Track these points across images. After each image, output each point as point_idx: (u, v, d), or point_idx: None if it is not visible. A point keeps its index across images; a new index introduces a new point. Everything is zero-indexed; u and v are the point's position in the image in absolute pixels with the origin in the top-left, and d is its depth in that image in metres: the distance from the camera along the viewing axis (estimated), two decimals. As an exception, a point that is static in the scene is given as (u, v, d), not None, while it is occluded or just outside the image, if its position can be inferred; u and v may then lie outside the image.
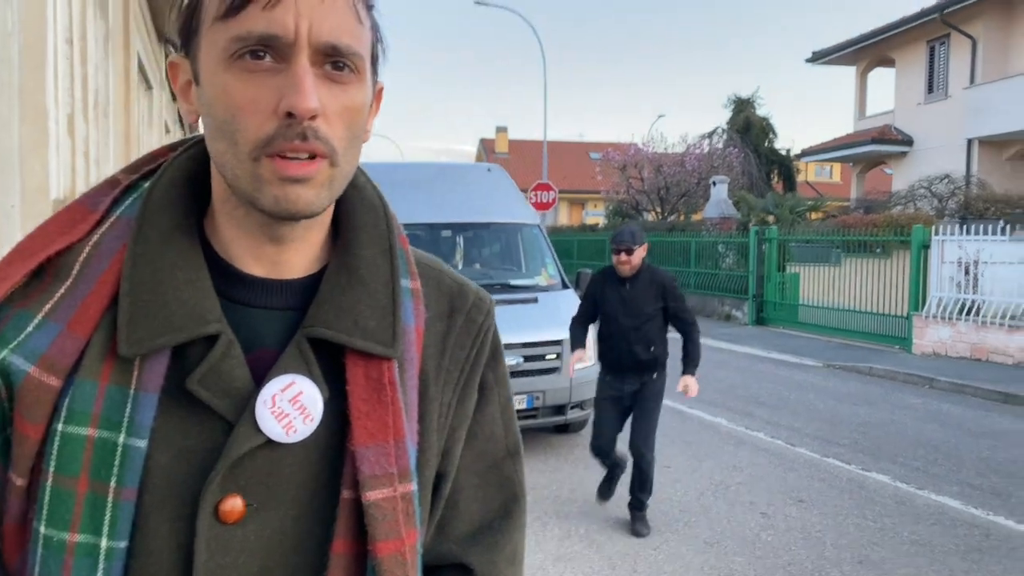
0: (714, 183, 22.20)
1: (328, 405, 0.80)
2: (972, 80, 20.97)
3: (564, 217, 41.43)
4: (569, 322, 7.01)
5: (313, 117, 0.72)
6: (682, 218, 24.52)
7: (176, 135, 22.49)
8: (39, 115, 4.56)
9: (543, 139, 24.59)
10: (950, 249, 12.20)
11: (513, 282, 7.52)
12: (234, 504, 0.76)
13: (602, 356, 5.25)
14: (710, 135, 29.92)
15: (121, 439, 0.75)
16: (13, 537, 0.77)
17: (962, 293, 11.94)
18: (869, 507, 5.61)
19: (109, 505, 0.74)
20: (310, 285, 0.83)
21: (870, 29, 23.99)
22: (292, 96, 0.71)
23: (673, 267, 19.14)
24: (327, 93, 0.74)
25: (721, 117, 35.72)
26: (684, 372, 5.02)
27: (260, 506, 0.78)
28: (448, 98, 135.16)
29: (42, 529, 0.74)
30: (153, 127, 14.35)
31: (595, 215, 34.84)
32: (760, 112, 31.65)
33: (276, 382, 0.78)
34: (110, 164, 8.29)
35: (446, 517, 0.92)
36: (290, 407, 0.78)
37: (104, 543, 0.74)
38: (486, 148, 46.51)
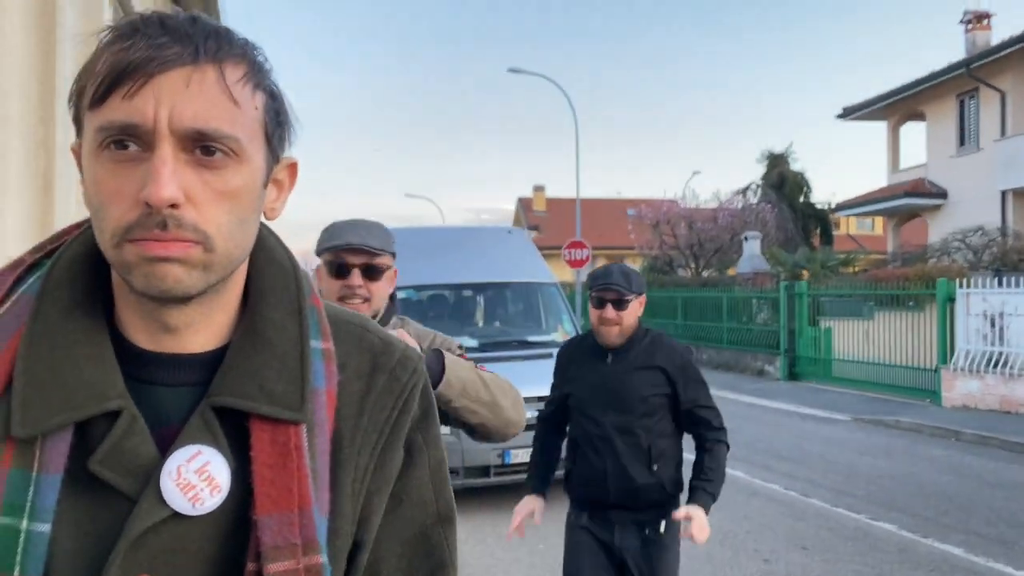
0: (746, 238, 22.44)
1: (236, 475, 0.78)
2: (1003, 132, 21.06)
3: (602, 274, 41.70)
4: None
5: (175, 206, 0.72)
6: (714, 273, 24.72)
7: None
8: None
9: (576, 197, 25.15)
10: (975, 302, 12.27)
11: (531, 338, 7.90)
12: None
13: (571, 480, 3.31)
14: (744, 191, 30.26)
15: (24, 525, 0.72)
16: None
17: (989, 345, 11.97)
18: (871, 554, 5.78)
19: None
20: (216, 358, 0.82)
21: (899, 84, 24.29)
22: (149, 186, 0.71)
23: (706, 323, 19.33)
24: (196, 179, 0.74)
25: (755, 173, 35.98)
26: (691, 499, 3.04)
27: None
28: (487, 159, 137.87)
29: None
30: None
31: (632, 271, 35.12)
32: (794, 167, 31.97)
33: (181, 453, 0.76)
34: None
35: None
36: (196, 478, 0.76)
37: None
38: (524, 207, 47.34)
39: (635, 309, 3.09)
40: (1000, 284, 12.16)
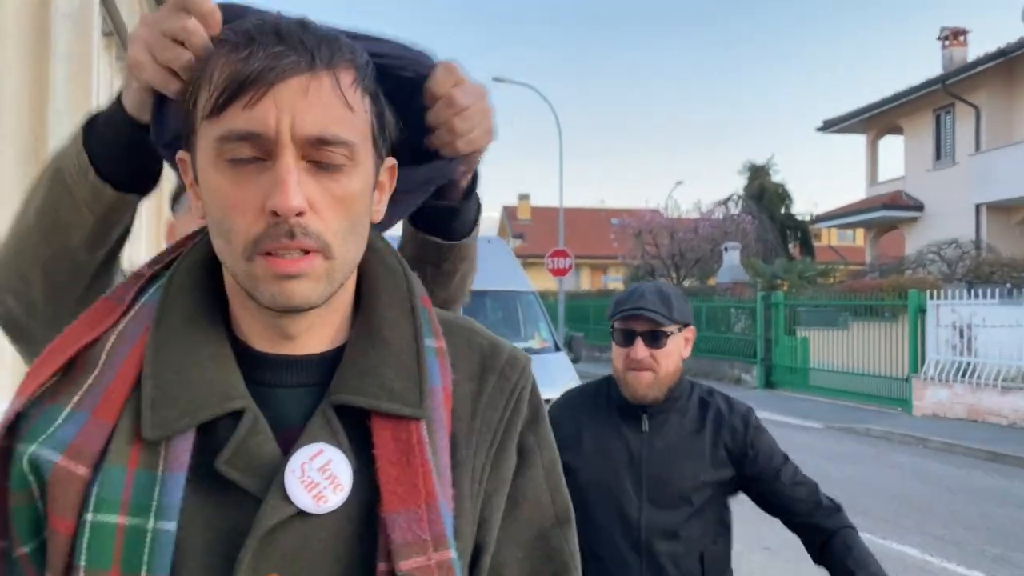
0: (726, 249, 22.78)
1: (359, 474, 0.78)
2: (977, 147, 21.50)
3: (586, 282, 42.03)
4: (557, 381, 7.56)
5: (300, 214, 0.73)
6: (694, 283, 25.04)
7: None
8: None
9: (559, 206, 25.41)
10: (945, 313, 12.60)
11: (508, 345, 8.10)
12: None
13: None
14: (725, 201, 30.61)
15: (150, 524, 0.73)
16: None
17: (958, 355, 12.29)
18: (831, 555, 6.00)
19: None
20: (333, 358, 0.83)
21: (878, 99, 24.73)
22: (276, 195, 0.72)
23: (685, 331, 19.60)
24: (316, 186, 0.75)
25: (737, 184, 36.45)
26: None
27: None
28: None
29: None
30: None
31: (615, 280, 35.44)
32: (775, 179, 32.38)
33: (304, 451, 0.76)
34: (141, 237, 9.11)
35: None
36: (319, 476, 0.76)
37: None
38: (508, 215, 47.60)
39: (678, 347, 2.17)
40: (970, 295, 12.49)
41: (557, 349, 8.19)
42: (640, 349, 2.08)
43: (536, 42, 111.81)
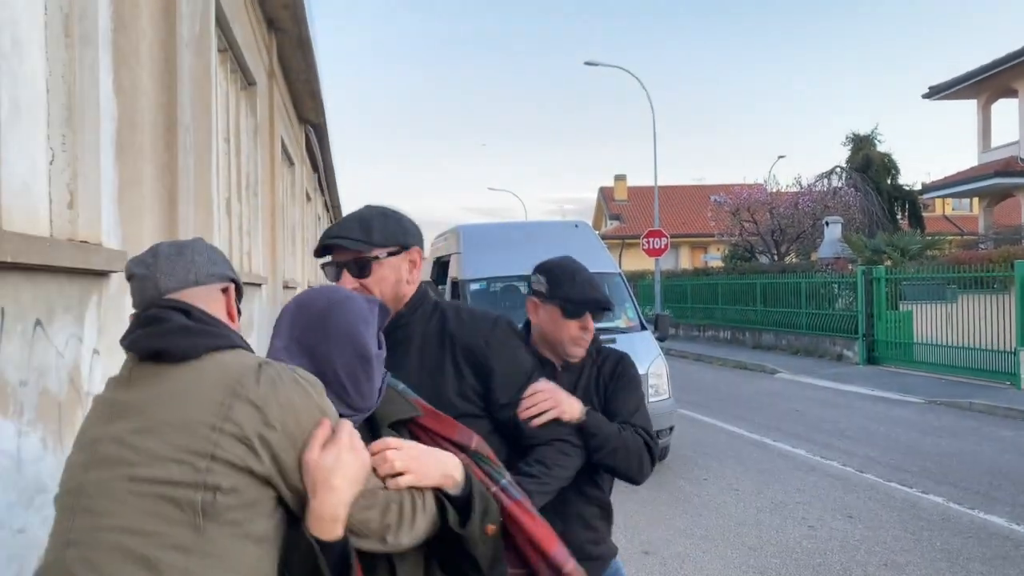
0: (827, 223, 22.28)
1: None
2: (1100, 106, 20.28)
3: (686, 261, 41.66)
4: (643, 359, 7.87)
5: None
6: (796, 259, 24.59)
7: (317, 202, 24.84)
8: (207, 206, 5.98)
9: (654, 185, 25.39)
10: (1055, 283, 12.13)
11: (597, 325, 8.45)
12: None
13: None
14: (828, 174, 29.82)
15: None
16: None
17: (1069, 327, 11.83)
18: (913, 522, 6.14)
19: None
20: None
21: (989, 60, 23.59)
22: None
23: (785, 308, 19.39)
24: None
25: (840, 156, 35.18)
26: None
27: None
28: (568, 151, 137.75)
29: None
30: (296, 198, 16.31)
31: (714, 258, 35.02)
32: (881, 149, 31.27)
33: None
34: (258, 234, 9.92)
35: None
36: None
37: None
38: (605, 196, 47.56)
39: (395, 271, 2.09)
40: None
41: (643, 328, 8.49)
42: (347, 280, 2.04)
43: (628, 23, 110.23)
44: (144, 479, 1.33)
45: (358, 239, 2.04)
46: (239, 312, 1.72)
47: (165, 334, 1.45)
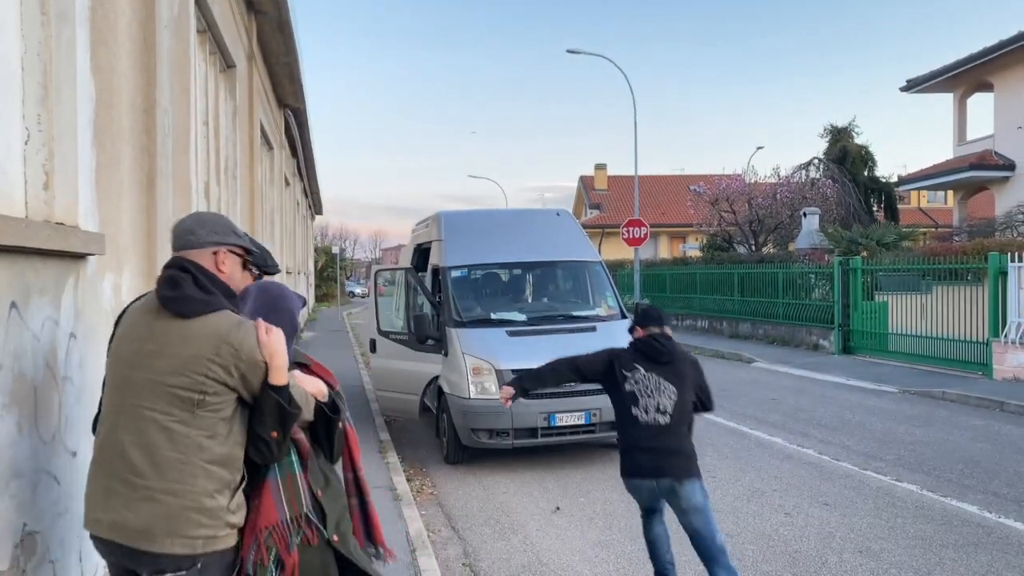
0: (804, 214, 22.48)
1: None
2: (1073, 102, 20.53)
3: (664, 250, 41.80)
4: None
5: None
6: (773, 250, 24.76)
7: (296, 188, 24.62)
8: (185, 188, 5.90)
9: (634, 174, 25.42)
10: (1027, 275, 12.31)
11: (575, 313, 8.47)
12: None
13: None
14: (806, 166, 30.01)
15: None
16: None
17: (1040, 318, 12.02)
18: (887, 510, 6.22)
19: None
20: None
21: (966, 55, 23.78)
22: None
23: (763, 298, 19.53)
24: None
25: (817, 148, 35.45)
26: None
27: None
28: (548, 140, 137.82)
29: None
30: (275, 182, 16.16)
31: (693, 248, 35.18)
32: (858, 141, 31.51)
33: None
34: (237, 218, 9.82)
35: None
36: None
37: None
38: (585, 185, 47.58)
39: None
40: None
41: (623, 316, 8.51)
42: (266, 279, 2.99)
43: (610, 13, 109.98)
44: (166, 384, 2.41)
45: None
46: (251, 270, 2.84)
47: (183, 300, 2.47)
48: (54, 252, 3.06)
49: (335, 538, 2.71)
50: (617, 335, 8.13)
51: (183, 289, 2.45)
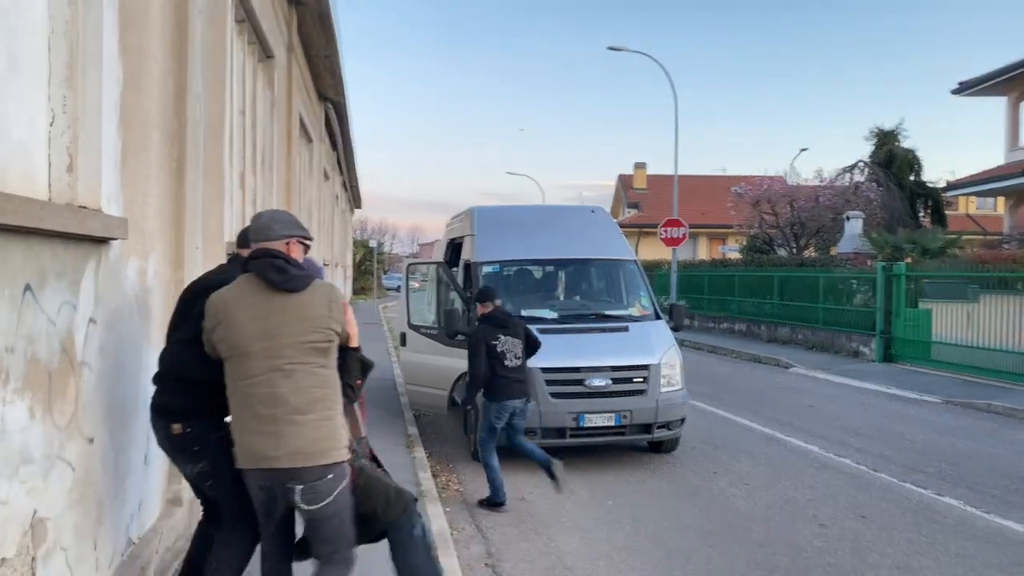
0: (847, 218, 22.00)
1: None
2: None
3: (703, 252, 41.33)
4: (656, 349, 7.72)
5: None
6: (815, 254, 24.27)
7: (335, 181, 24.74)
8: (217, 177, 5.88)
9: (674, 174, 25.10)
10: (1082, 285, 11.86)
11: (608, 312, 8.33)
12: None
13: None
14: (850, 169, 29.39)
15: None
16: None
17: (1094, 331, 11.57)
18: (928, 525, 5.98)
19: None
20: None
21: (1021, 57, 23.09)
22: None
23: (802, 303, 19.16)
24: None
25: (862, 150, 34.67)
26: None
27: None
28: (588, 137, 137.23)
29: None
30: (313, 175, 16.22)
31: (732, 250, 34.69)
32: (905, 144, 30.79)
33: None
34: (272, 208, 9.82)
35: None
36: None
37: None
38: (624, 184, 47.22)
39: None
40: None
41: (657, 317, 8.34)
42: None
43: (653, 11, 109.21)
44: (305, 341, 3.17)
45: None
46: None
47: (293, 280, 3.21)
48: (72, 235, 3.01)
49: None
50: (651, 336, 7.99)
51: (288, 272, 3.20)
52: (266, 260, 3.18)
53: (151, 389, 3.55)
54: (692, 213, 39.19)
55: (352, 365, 3.46)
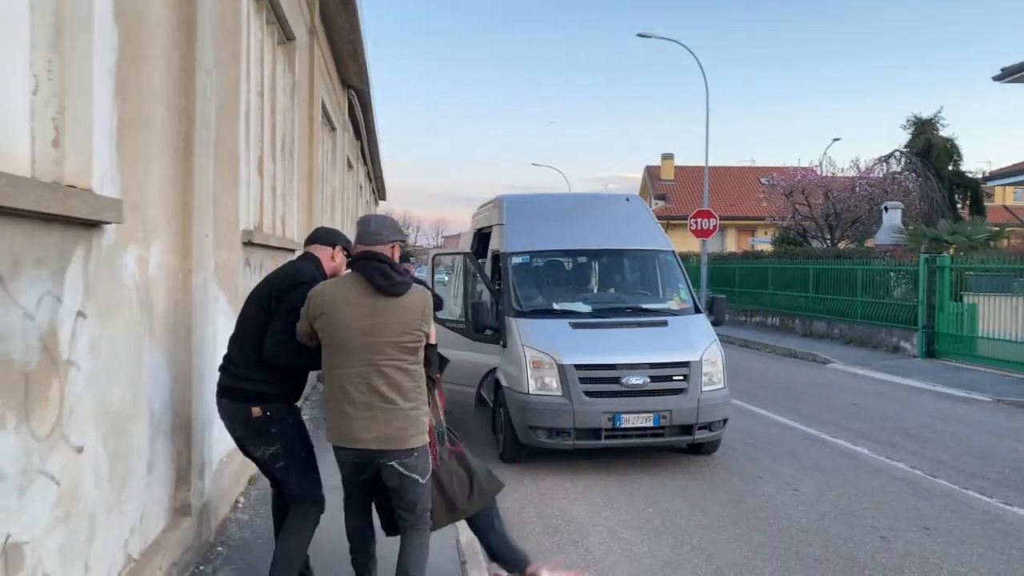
0: (886, 208, 21.32)
1: None
2: None
3: (732, 244, 40.63)
4: (697, 345, 7.26)
5: None
6: (850, 245, 23.57)
7: (359, 171, 24.44)
8: (232, 161, 5.50)
9: (705, 165, 24.51)
10: None
11: (645, 306, 7.87)
12: None
13: None
14: (887, 158, 28.62)
15: None
16: None
17: None
18: (1000, 539, 5.49)
19: None
20: None
21: (1068, 41, 22.23)
22: None
23: (839, 296, 18.54)
24: None
25: (900, 140, 33.77)
26: None
27: None
28: (615, 128, 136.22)
29: None
30: (336, 164, 15.87)
31: (762, 242, 33.99)
32: (943, 133, 29.94)
33: None
34: (294, 198, 9.48)
35: None
36: None
37: None
38: (651, 175, 46.56)
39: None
40: None
41: (697, 311, 7.88)
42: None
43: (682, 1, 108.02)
44: (401, 342, 3.52)
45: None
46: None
47: (397, 285, 3.53)
48: (53, 217, 2.63)
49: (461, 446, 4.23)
50: (691, 331, 7.53)
51: (393, 278, 3.52)
52: (373, 263, 3.54)
53: (158, 389, 3.28)
54: (721, 205, 38.49)
55: (434, 360, 3.85)
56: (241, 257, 6.00)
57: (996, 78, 25.57)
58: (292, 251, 8.79)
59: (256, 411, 3.74)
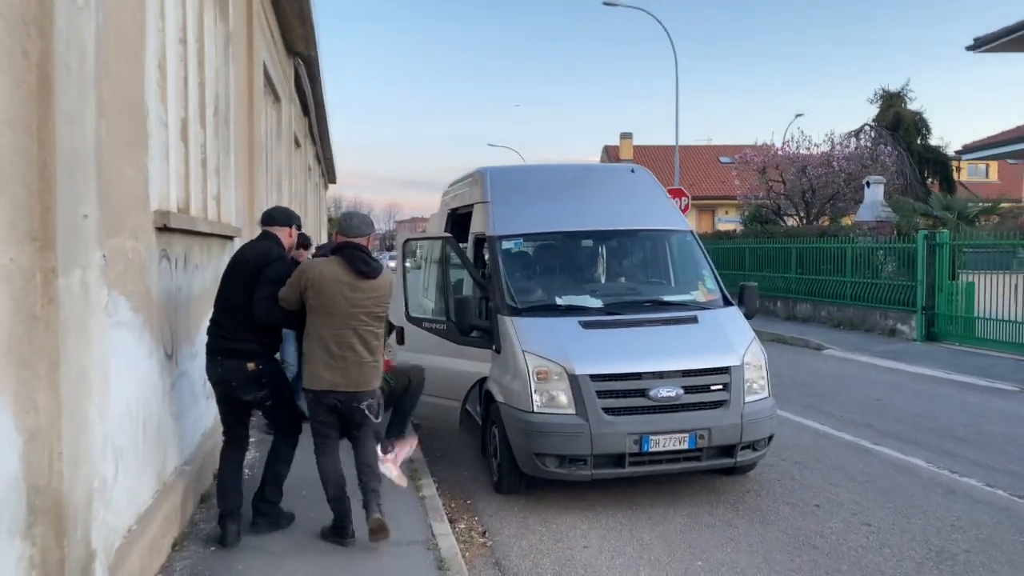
0: (868, 184, 20.34)
1: None
2: None
3: (694, 224, 39.72)
4: (736, 345, 5.96)
5: None
6: (828, 222, 22.60)
7: (308, 152, 22.68)
8: (134, 113, 3.95)
9: (675, 143, 23.33)
10: None
11: (667, 298, 6.52)
12: None
13: None
14: (856, 133, 27.77)
15: None
16: None
17: None
18: None
19: None
20: None
21: (1046, 8, 21.47)
22: None
23: (825, 277, 17.50)
24: None
25: (866, 114, 33.07)
26: None
27: None
28: (571, 105, 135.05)
29: None
30: (282, 140, 14.19)
31: (729, 221, 33.05)
32: (912, 107, 29.24)
33: None
34: (231, 174, 7.88)
35: None
36: None
37: None
38: (610, 155, 45.37)
39: None
40: None
41: (727, 303, 6.56)
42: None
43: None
44: (374, 312, 4.70)
45: None
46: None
47: (374, 271, 4.66)
48: None
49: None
50: (727, 328, 6.17)
51: (371, 264, 4.60)
52: (356, 252, 4.61)
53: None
54: (682, 184, 37.51)
55: (387, 326, 4.97)
56: (154, 247, 4.47)
57: (969, 48, 24.81)
58: (231, 238, 7.23)
59: (251, 366, 4.66)
